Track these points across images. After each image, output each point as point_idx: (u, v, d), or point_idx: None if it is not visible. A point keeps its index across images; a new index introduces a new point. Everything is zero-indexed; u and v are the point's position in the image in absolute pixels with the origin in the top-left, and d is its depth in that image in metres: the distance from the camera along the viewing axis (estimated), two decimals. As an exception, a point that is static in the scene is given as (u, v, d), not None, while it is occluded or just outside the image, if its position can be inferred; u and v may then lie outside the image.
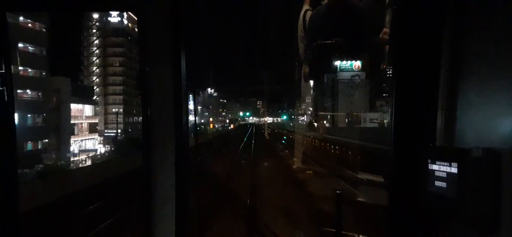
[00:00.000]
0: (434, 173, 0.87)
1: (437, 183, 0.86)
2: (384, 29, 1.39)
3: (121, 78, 55.58)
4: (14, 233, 1.02)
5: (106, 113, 54.66)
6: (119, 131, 51.98)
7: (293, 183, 12.14)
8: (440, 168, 0.85)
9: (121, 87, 55.70)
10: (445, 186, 0.84)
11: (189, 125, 1.27)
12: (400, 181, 0.98)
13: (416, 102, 0.97)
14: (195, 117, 1.37)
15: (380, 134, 18.93)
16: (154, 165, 1.15)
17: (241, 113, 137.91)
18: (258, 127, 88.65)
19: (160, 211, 1.15)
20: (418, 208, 0.93)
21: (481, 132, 0.86)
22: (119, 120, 54.13)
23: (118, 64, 55.15)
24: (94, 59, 52.53)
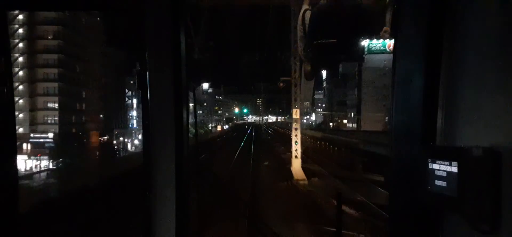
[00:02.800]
0: (434, 172, 1.21)
1: (437, 182, 1.20)
2: (384, 28, 1.83)
3: (56, 57, 51.91)
4: (14, 233, 1.45)
5: (33, 108, 52.16)
6: (49, 135, 48.26)
7: None
8: (440, 167, 1.19)
9: (56, 70, 52.24)
10: (445, 185, 1.18)
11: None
12: (400, 180, 1.37)
13: (416, 101, 1.34)
14: (195, 116, 1.82)
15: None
16: (154, 164, 1.59)
17: (236, 110, 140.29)
18: (260, 127, 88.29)
19: (160, 211, 1.60)
20: (418, 208, 1.30)
21: (481, 131, 1.17)
22: (53, 119, 50.38)
23: (51, 37, 51.52)
24: (15, 28, 49.46)
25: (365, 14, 1.93)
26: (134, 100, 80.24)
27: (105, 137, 62.40)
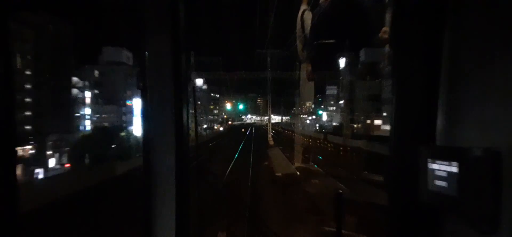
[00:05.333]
0: (434, 172, 1.23)
1: (437, 182, 1.22)
2: (384, 28, 1.84)
3: None
4: (14, 233, 1.46)
5: None
6: None
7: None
8: (440, 167, 1.21)
9: None
10: (445, 185, 1.20)
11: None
12: (399, 180, 1.39)
13: (416, 101, 1.36)
14: (195, 115, 1.84)
15: None
16: (154, 164, 1.61)
17: (228, 107, 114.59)
18: (263, 132, 62.25)
19: (160, 211, 1.62)
20: (417, 208, 1.32)
21: (482, 131, 1.19)
22: None
23: None
24: None
25: (367, 13, 1.94)
26: (88, 94, 63.12)
27: (28, 147, 44.30)
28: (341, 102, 67.75)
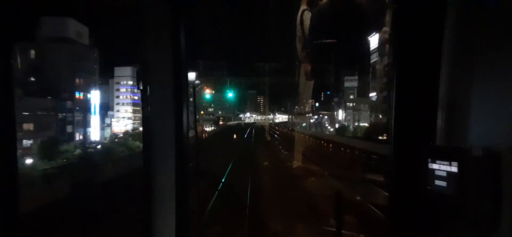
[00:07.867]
0: (434, 172, 1.24)
1: (437, 182, 1.23)
2: (384, 28, 1.85)
3: None
4: (14, 233, 1.47)
5: None
6: None
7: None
8: (440, 167, 1.22)
9: None
10: (445, 185, 1.21)
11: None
12: (400, 180, 1.39)
13: (416, 101, 1.37)
14: (195, 115, 1.85)
15: None
16: (154, 164, 1.62)
17: (207, 96, 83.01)
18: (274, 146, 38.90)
19: (160, 211, 1.62)
20: (418, 208, 1.32)
21: (481, 131, 1.21)
22: None
23: None
24: None
25: (366, 13, 1.95)
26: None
27: None
28: (372, 95, 51.51)
